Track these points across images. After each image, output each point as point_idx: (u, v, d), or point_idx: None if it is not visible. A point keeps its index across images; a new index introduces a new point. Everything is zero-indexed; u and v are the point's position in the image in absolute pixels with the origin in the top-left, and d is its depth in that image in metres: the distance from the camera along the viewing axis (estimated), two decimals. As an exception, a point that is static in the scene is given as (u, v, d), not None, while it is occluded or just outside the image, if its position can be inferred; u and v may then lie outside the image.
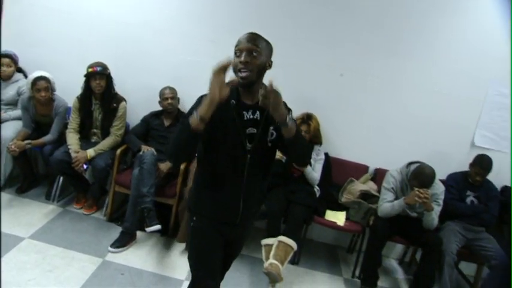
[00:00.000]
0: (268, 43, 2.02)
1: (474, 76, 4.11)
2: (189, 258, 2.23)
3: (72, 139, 3.86)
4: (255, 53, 1.93)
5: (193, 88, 4.14)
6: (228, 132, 2.01)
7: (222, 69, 1.81)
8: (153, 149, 3.79)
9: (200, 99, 1.97)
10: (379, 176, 4.13)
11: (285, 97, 1.94)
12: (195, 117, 1.83)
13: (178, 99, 4.08)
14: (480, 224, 3.82)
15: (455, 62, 4.08)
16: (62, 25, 4.23)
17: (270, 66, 2.04)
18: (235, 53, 1.98)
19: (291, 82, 3.94)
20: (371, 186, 4.10)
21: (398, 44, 4.09)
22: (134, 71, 4.26)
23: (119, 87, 4.08)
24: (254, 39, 1.96)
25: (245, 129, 2.02)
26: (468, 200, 3.90)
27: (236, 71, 1.96)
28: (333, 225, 3.84)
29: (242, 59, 1.93)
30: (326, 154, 4.05)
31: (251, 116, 2.04)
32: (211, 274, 2.18)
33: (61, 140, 3.96)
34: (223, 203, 2.11)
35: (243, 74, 1.93)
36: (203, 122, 1.83)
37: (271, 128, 2.06)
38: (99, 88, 3.85)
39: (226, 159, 2.04)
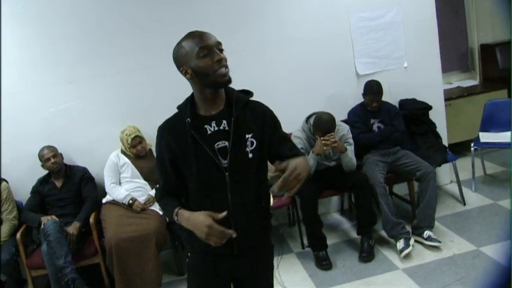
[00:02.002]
0: None
1: (332, 13, 4.08)
2: None
3: (-38, 246, 3.44)
4: (221, 48, 1.72)
5: (72, 136, 3.90)
6: (194, 155, 1.73)
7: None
8: (53, 217, 3.46)
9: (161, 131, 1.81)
10: (287, 141, 4.02)
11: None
12: (174, 218, 1.76)
13: (61, 155, 3.74)
14: (394, 144, 3.84)
15: (309, 5, 4.04)
16: None
17: None
18: (199, 54, 1.68)
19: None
20: (284, 155, 3.98)
21: (245, 10, 3.98)
22: (3, 145, 3.78)
23: (-7, 168, 3.67)
24: (211, 35, 1.74)
25: (213, 144, 1.74)
26: (375, 127, 3.90)
27: (212, 72, 1.68)
28: (264, 208, 3.68)
29: (217, 57, 1.69)
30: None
31: (216, 128, 1.75)
32: None
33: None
34: None
35: (226, 72, 1.70)
36: None
37: (248, 136, 1.75)
38: (-31, 180, 3.44)
39: (205, 185, 1.76)
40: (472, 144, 4.29)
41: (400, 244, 3.44)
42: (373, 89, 3.80)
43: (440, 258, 3.37)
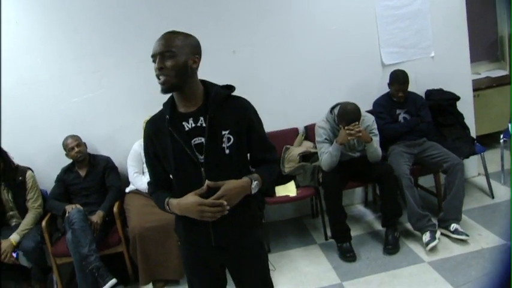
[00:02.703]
0: (187, 38, 1.79)
1: (358, 1, 3.99)
2: None
3: (-11, 233, 3.46)
4: (168, 54, 1.71)
5: (96, 125, 3.91)
6: (171, 150, 1.79)
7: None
8: (78, 206, 3.46)
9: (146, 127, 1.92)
10: (311, 132, 3.94)
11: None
12: (166, 208, 1.86)
13: (85, 144, 3.75)
14: (420, 135, 3.74)
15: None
16: None
17: (196, 63, 1.79)
18: (153, 60, 1.76)
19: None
20: (308, 146, 3.93)
21: (274, 3, 3.92)
22: (29, 134, 3.84)
23: (20, 158, 3.68)
24: (166, 39, 1.74)
25: (190, 140, 1.79)
26: (400, 118, 3.80)
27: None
28: (287, 199, 3.66)
29: (156, 65, 1.74)
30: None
31: (193, 125, 1.80)
32: None
33: (-21, 239, 3.54)
34: (192, 226, 1.84)
35: (161, 80, 1.74)
36: None
37: (225, 132, 1.79)
38: (-5, 169, 3.46)
39: (182, 179, 1.84)
40: (502, 136, 4.17)
41: (426, 237, 3.35)
42: (399, 78, 3.70)
43: (467, 252, 3.26)
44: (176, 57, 1.72)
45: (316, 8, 3.96)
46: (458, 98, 4.02)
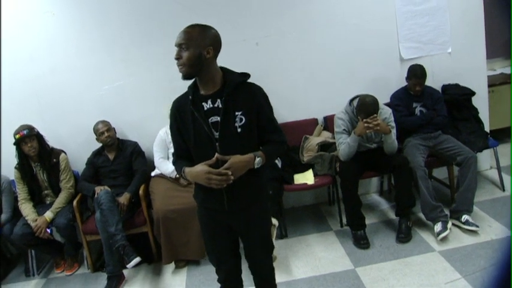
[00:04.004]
0: (204, 31, 1.97)
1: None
2: None
3: (27, 209, 3.58)
4: (184, 46, 1.92)
5: (124, 112, 3.99)
6: (192, 126, 2.01)
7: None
8: (106, 187, 3.55)
9: (173, 105, 2.12)
10: (330, 123, 3.97)
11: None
12: (182, 178, 2.31)
13: (114, 130, 3.83)
14: (435, 128, 3.73)
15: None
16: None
17: (210, 53, 1.95)
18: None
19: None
20: (326, 136, 3.96)
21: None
22: (63, 119, 3.97)
23: (54, 141, 3.81)
24: (184, 33, 1.95)
25: (207, 118, 1.99)
26: (417, 111, 3.79)
27: None
28: (304, 187, 3.69)
29: (175, 55, 1.95)
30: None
31: (211, 106, 2.01)
32: (217, 257, 2.29)
33: (17, 214, 3.65)
34: (207, 192, 2.06)
35: (179, 70, 1.96)
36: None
37: (238, 113, 1.99)
38: (33, 150, 3.57)
39: (200, 152, 2.03)
40: (515, 131, 4.14)
41: (438, 227, 3.36)
42: (416, 73, 3.70)
43: (477, 243, 3.27)
44: (190, 48, 1.92)
45: (338, 1, 3.96)
46: (473, 93, 4.00)
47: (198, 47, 1.92)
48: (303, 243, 3.61)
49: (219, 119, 1.98)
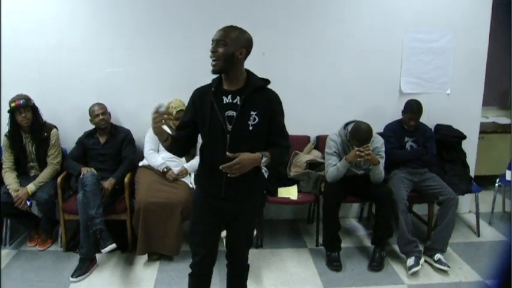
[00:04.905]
0: (241, 34, 2.10)
1: (388, 28, 4.02)
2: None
3: (9, 178, 3.52)
4: (221, 43, 2.04)
5: (122, 98, 3.95)
6: (209, 115, 2.12)
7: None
8: (93, 170, 3.51)
9: (195, 91, 2.26)
10: (321, 142, 3.98)
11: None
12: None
13: (109, 114, 3.79)
14: (423, 165, 3.76)
15: (368, 18, 3.98)
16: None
17: (242, 55, 2.09)
18: (211, 44, 2.09)
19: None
20: (316, 155, 3.96)
21: (309, 11, 3.92)
22: (60, 95, 3.90)
23: (48, 115, 3.75)
24: (224, 31, 2.08)
25: (224, 111, 2.11)
26: (408, 145, 3.82)
27: None
28: (287, 201, 3.68)
29: (211, 48, 2.07)
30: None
31: (230, 101, 2.13)
32: (201, 241, 2.34)
33: (-2, 182, 3.60)
34: (209, 177, 2.22)
35: (212, 63, 2.08)
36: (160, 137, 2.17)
37: (253, 112, 2.12)
38: (26, 121, 3.52)
39: (211, 140, 2.16)
40: (498, 180, 4.20)
41: (410, 261, 3.38)
42: (413, 108, 3.73)
43: (446, 283, 3.29)
44: (227, 46, 2.04)
45: (348, 26, 3.98)
46: (464, 137, 4.04)
47: (233, 46, 2.05)
48: (276, 257, 3.60)
49: (234, 114, 2.11)
